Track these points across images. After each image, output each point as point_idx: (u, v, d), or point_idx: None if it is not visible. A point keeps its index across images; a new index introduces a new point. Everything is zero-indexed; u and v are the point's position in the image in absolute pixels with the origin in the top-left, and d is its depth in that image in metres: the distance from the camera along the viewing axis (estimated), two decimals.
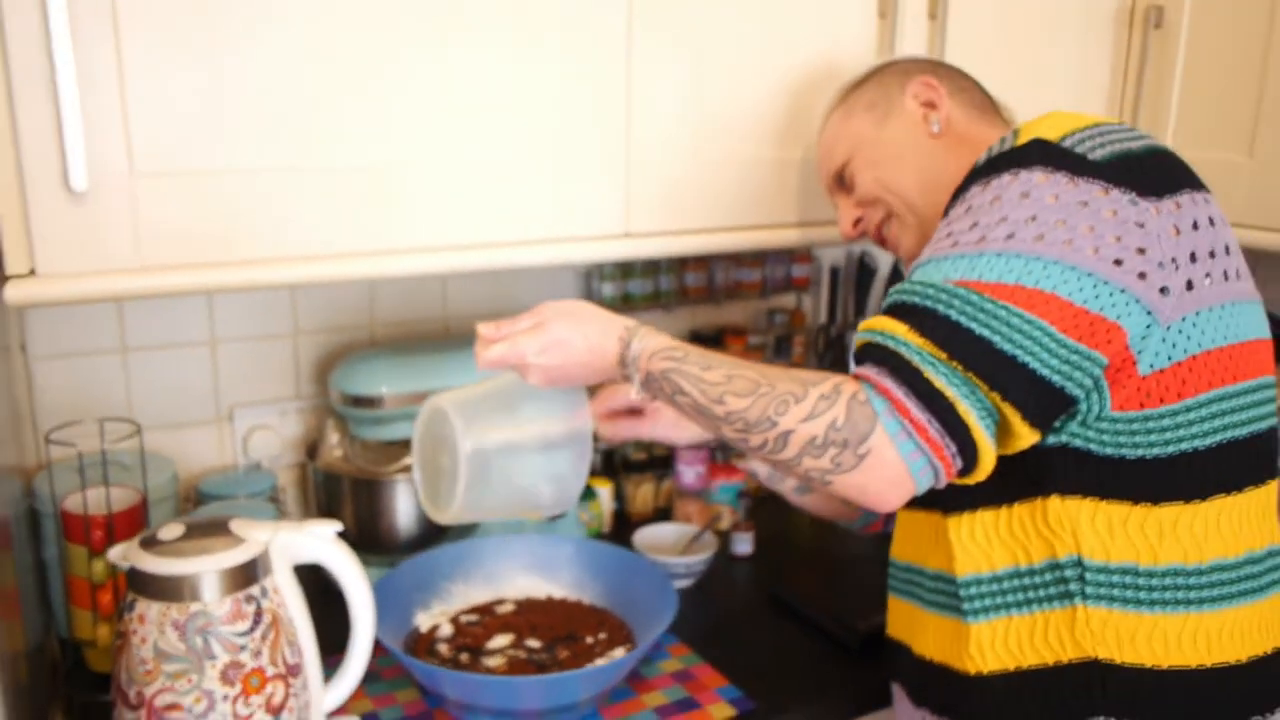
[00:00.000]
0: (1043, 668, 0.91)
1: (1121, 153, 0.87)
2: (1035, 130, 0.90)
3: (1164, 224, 0.85)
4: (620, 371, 0.94)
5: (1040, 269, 0.82)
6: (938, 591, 0.98)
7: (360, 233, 1.07)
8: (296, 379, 1.48)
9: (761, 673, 1.23)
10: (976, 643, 0.94)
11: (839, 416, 0.82)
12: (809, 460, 0.83)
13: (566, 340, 0.94)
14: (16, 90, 0.90)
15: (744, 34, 1.24)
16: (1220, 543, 0.90)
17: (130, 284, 0.98)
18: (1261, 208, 1.41)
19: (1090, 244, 0.83)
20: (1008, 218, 0.85)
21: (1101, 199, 0.84)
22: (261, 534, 0.96)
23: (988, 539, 0.93)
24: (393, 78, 1.05)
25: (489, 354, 0.95)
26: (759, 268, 1.72)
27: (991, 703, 0.94)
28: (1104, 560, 0.89)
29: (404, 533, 1.36)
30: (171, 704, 0.90)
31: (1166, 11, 1.49)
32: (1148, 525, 0.88)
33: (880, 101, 1.11)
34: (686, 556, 1.42)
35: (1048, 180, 0.85)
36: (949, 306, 0.83)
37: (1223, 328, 0.88)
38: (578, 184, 1.18)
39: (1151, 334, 0.85)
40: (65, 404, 1.33)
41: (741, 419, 0.86)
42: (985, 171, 0.90)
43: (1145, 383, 0.86)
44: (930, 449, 0.81)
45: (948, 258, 0.86)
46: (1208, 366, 0.87)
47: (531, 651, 1.19)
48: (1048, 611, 0.91)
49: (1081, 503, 0.89)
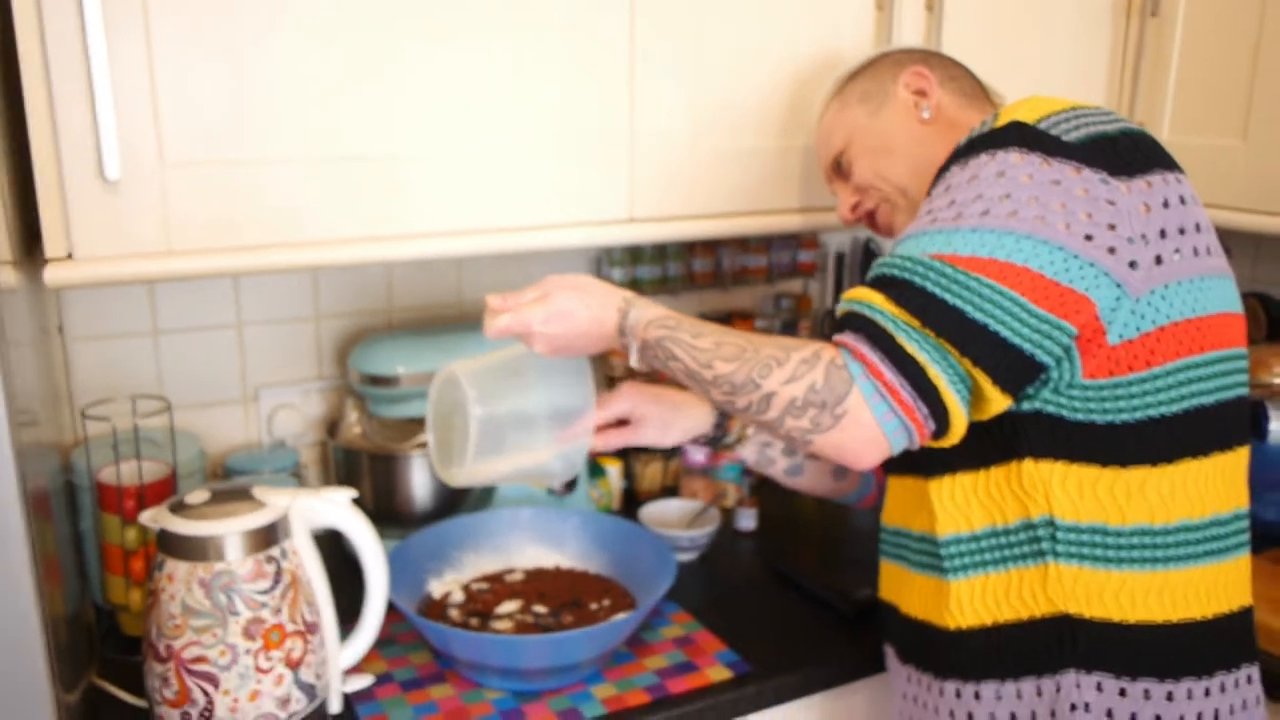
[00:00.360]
0: (1017, 622, 0.96)
1: (1096, 135, 0.91)
2: (1014, 113, 0.94)
3: (1134, 202, 0.89)
4: (619, 340, 1.00)
5: (1013, 243, 0.87)
6: (922, 553, 1.03)
7: (376, 218, 1.13)
8: (318, 361, 1.55)
9: (759, 639, 1.28)
10: (956, 599, 0.99)
11: (818, 379, 0.87)
12: (790, 420, 0.89)
13: (569, 310, 0.99)
14: (56, 88, 0.97)
15: (744, 25, 1.29)
16: (1186, 504, 0.94)
17: (159, 267, 1.04)
18: (1256, 191, 1.44)
19: (1062, 220, 0.87)
20: (983, 195, 0.89)
21: (1074, 178, 0.88)
22: (282, 500, 1.03)
23: (966, 500, 0.98)
24: (405, 72, 1.11)
25: (497, 323, 1.01)
26: (765, 253, 1.77)
27: (970, 656, 0.99)
28: (1074, 520, 0.93)
29: (419, 506, 1.43)
30: (198, 656, 0.97)
31: (1163, 1, 1.52)
32: (1116, 487, 0.93)
33: (875, 91, 1.16)
34: (691, 530, 1.48)
35: (1023, 160, 0.90)
36: (924, 278, 0.88)
37: (1191, 301, 0.92)
38: (582, 171, 1.24)
39: (1121, 306, 0.89)
40: (100, 383, 1.40)
41: (729, 382, 0.91)
42: (964, 152, 0.94)
43: (1115, 351, 0.90)
44: (903, 410, 0.86)
45: (926, 233, 0.91)
46: (1175, 337, 0.91)
47: (538, 616, 1.25)
48: (1022, 569, 0.96)
49: (1054, 465, 0.93)
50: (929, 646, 1.03)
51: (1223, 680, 0.95)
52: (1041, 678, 0.95)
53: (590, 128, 1.23)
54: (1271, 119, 1.41)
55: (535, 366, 1.05)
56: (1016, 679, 0.96)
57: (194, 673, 0.97)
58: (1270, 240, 1.81)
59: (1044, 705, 0.95)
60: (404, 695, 1.16)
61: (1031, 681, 0.96)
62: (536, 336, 1.00)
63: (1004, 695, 0.97)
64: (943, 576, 1.00)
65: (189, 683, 0.97)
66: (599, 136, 1.23)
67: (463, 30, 1.13)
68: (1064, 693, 0.94)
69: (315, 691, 1.04)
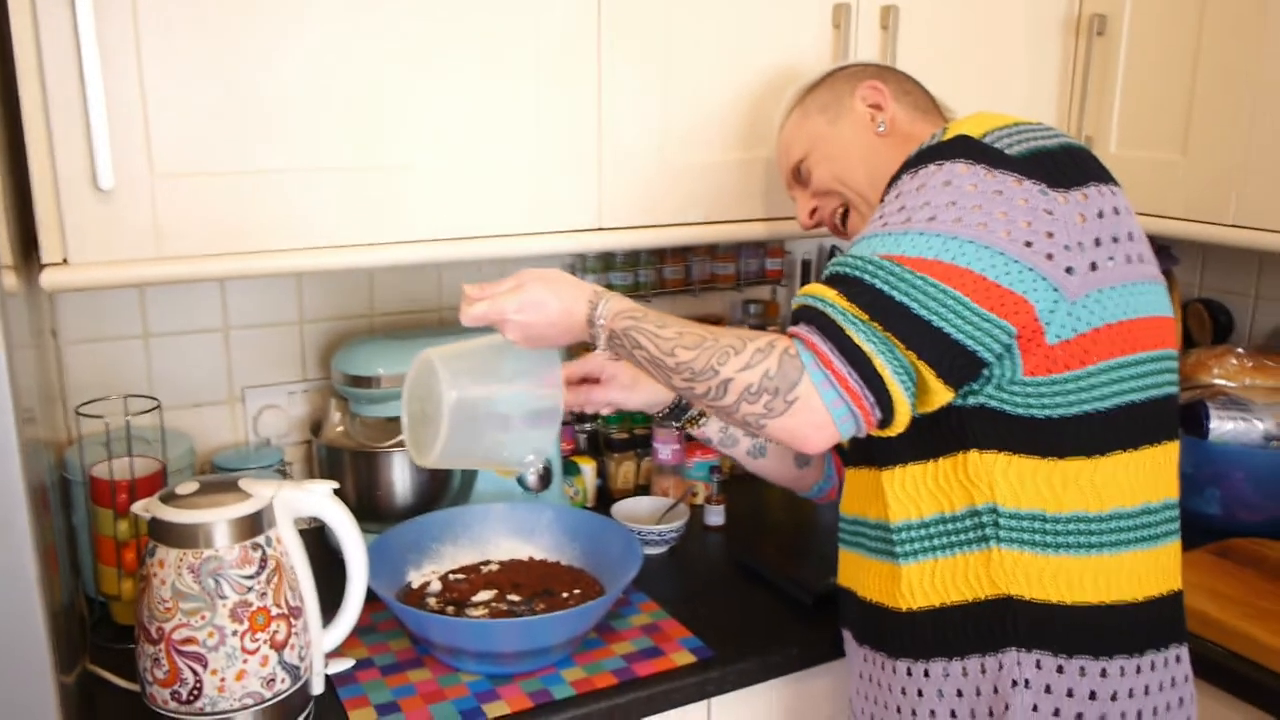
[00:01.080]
0: (963, 603, 1.03)
1: (1036, 149, 0.97)
2: (961, 128, 1.01)
3: (1071, 211, 0.95)
4: (588, 331, 1.05)
5: (957, 247, 0.93)
6: (877, 539, 1.09)
7: (358, 226, 1.20)
8: (302, 363, 1.61)
9: (723, 627, 1.34)
10: (907, 582, 1.05)
11: (772, 367, 0.93)
12: (746, 405, 0.95)
13: (542, 301, 1.04)
14: (52, 102, 1.03)
15: (708, 45, 1.37)
16: (1119, 494, 1.00)
17: (150, 271, 1.11)
18: (1196, 201, 1.51)
19: (1003, 227, 0.93)
20: (930, 202, 0.96)
21: (1015, 188, 0.95)
22: (267, 490, 1.09)
23: (917, 489, 1.04)
24: (388, 89, 1.18)
25: (473, 310, 1.05)
26: (734, 261, 1.84)
27: (920, 636, 1.05)
28: (1015, 507, 1.00)
29: (400, 501, 1.49)
30: (188, 638, 1.03)
31: (1109, 20, 1.60)
32: (1054, 477, 0.99)
33: (832, 104, 1.23)
34: (660, 525, 1.54)
35: (969, 171, 0.96)
36: (874, 276, 0.94)
37: (1124, 305, 0.98)
38: (554, 183, 1.31)
39: (1058, 308, 0.95)
40: (92, 384, 1.46)
41: (689, 368, 0.97)
42: (914, 162, 1.01)
43: (1052, 351, 0.97)
44: (850, 398, 0.92)
45: (877, 235, 0.97)
46: (1109, 338, 0.98)
47: (512, 604, 1.31)
48: (968, 554, 1.02)
49: (997, 456, 1.00)
50: (882, 628, 1.09)
51: (1153, 659, 1.02)
52: (985, 656, 1.02)
53: (562, 143, 1.30)
54: (1209, 134, 1.49)
55: (510, 357, 1.09)
56: (963, 657, 1.03)
57: (183, 653, 1.03)
58: (1214, 248, 1.89)
59: (987, 682, 1.02)
60: (383, 679, 1.22)
61: (976, 659, 1.02)
62: (510, 324, 1.04)
63: (951, 673, 1.04)
64: (895, 561, 1.06)
65: (179, 663, 1.03)
66: (570, 151, 1.30)
67: (441, 49, 1.20)
68: (1006, 670, 1.01)
69: (299, 673, 1.10)
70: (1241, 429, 1.56)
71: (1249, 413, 1.56)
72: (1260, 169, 1.43)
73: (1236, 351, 1.66)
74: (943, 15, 1.51)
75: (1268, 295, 1.85)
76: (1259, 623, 1.31)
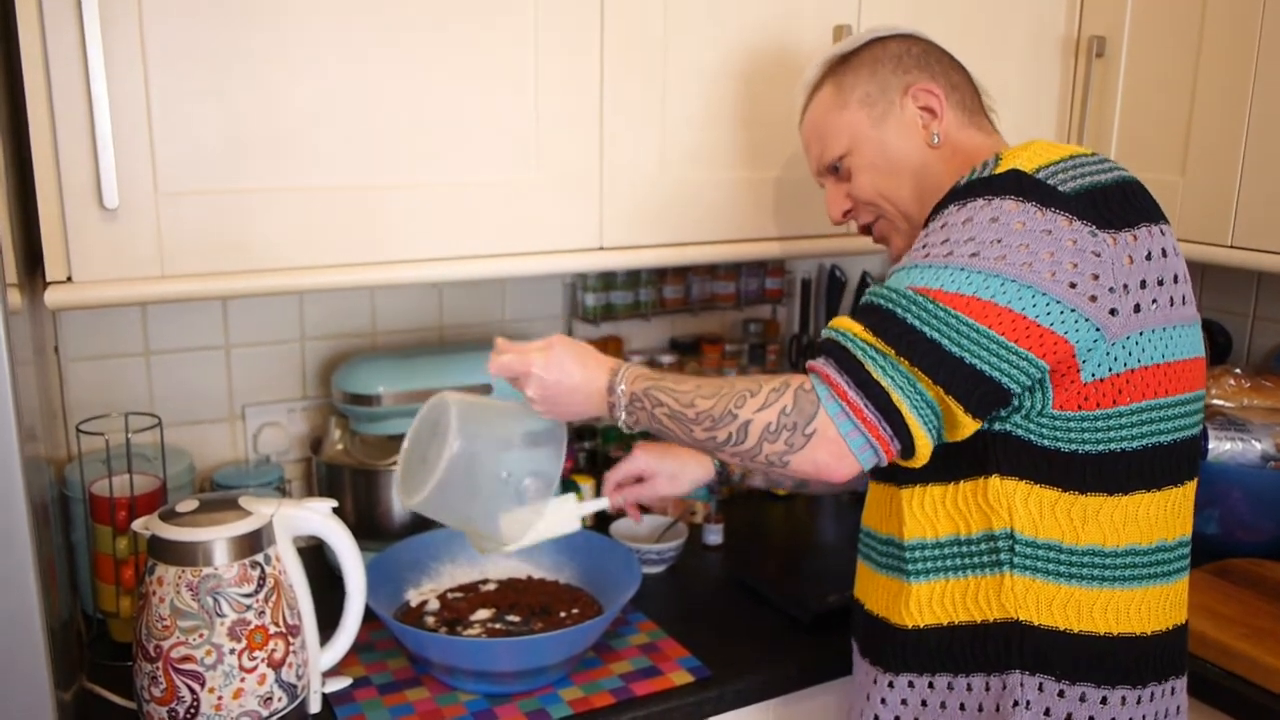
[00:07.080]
0: (970, 624, 1.03)
1: (1090, 185, 0.96)
2: (1014, 160, 0.98)
3: (1120, 254, 0.94)
4: (606, 400, 1.06)
5: (998, 285, 0.93)
6: (886, 555, 1.09)
7: (361, 246, 1.21)
8: (303, 381, 1.61)
9: (721, 646, 1.34)
10: (916, 600, 1.05)
11: (788, 403, 0.95)
12: (767, 445, 0.96)
13: (567, 364, 1.06)
14: (59, 122, 1.04)
15: (706, 66, 1.38)
16: (1136, 531, 1.01)
17: (154, 290, 1.12)
18: (1194, 222, 1.52)
19: (1049, 268, 0.93)
20: (975, 237, 0.95)
21: (1065, 229, 0.93)
22: (266, 508, 1.09)
23: (935, 510, 1.04)
24: (389, 110, 1.19)
25: (501, 359, 1.08)
26: (734, 280, 1.85)
27: (922, 652, 1.06)
28: (1033, 536, 1.00)
29: (399, 520, 1.49)
30: (185, 656, 1.03)
31: (1108, 42, 1.61)
32: (1074, 510, 1.00)
33: (878, 99, 1.14)
34: (659, 544, 1.54)
35: (1018, 208, 0.95)
36: (906, 310, 0.94)
37: (1162, 347, 0.98)
38: (555, 203, 1.32)
39: (1097, 348, 0.95)
40: (94, 401, 1.46)
41: (709, 416, 0.98)
42: (963, 194, 0.99)
43: (1086, 388, 0.97)
44: (866, 429, 0.93)
45: (917, 266, 0.96)
46: (1144, 380, 0.98)
47: (510, 623, 1.31)
48: (980, 577, 1.02)
49: (1018, 484, 1.00)
50: (886, 642, 1.09)
51: (1153, 690, 1.03)
52: (990, 675, 1.02)
53: (563, 163, 1.31)
54: (1208, 156, 1.50)
55: (522, 425, 1.10)
56: (966, 675, 1.03)
57: (181, 671, 1.03)
58: (1212, 269, 1.89)
59: (990, 700, 1.02)
60: (381, 698, 1.22)
61: (980, 678, 1.03)
62: (532, 378, 1.06)
63: (955, 687, 1.04)
64: (905, 579, 1.06)
65: (176, 681, 1.03)
66: (571, 171, 1.31)
67: (442, 70, 1.21)
68: (1009, 690, 1.01)
69: (296, 691, 1.10)
70: (1239, 449, 1.56)
71: (1247, 433, 1.56)
72: (1258, 190, 1.44)
73: (1234, 372, 1.67)
74: (943, 36, 1.51)
75: (1265, 316, 1.85)
76: (1257, 643, 1.31)
